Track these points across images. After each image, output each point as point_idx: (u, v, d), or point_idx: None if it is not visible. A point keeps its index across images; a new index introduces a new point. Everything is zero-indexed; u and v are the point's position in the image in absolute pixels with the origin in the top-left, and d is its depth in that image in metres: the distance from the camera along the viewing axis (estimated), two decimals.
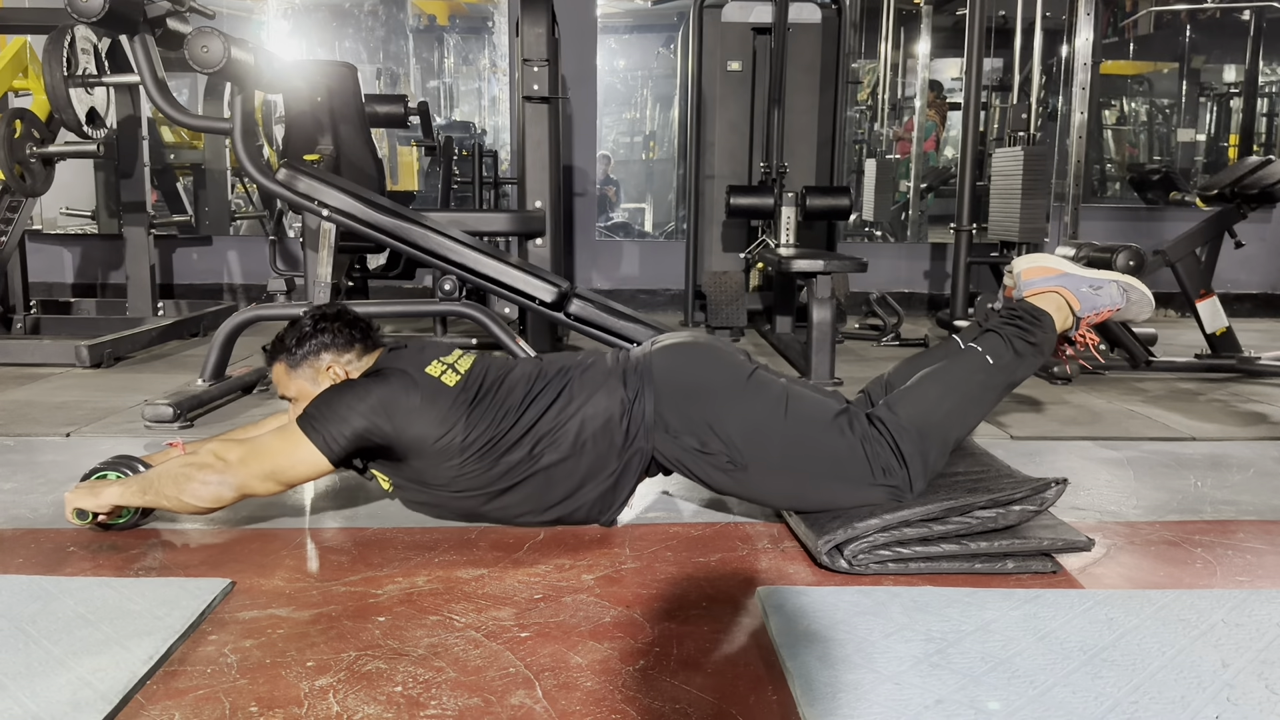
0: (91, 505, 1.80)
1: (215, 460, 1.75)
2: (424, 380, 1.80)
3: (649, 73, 6.78)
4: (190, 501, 1.76)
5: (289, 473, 1.76)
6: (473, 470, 1.77)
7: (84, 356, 3.58)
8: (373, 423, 1.73)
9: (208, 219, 5.59)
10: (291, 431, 1.75)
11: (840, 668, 1.31)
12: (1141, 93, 7.23)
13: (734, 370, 1.85)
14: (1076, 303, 1.91)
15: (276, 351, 1.92)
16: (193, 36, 2.72)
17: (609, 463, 1.80)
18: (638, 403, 1.79)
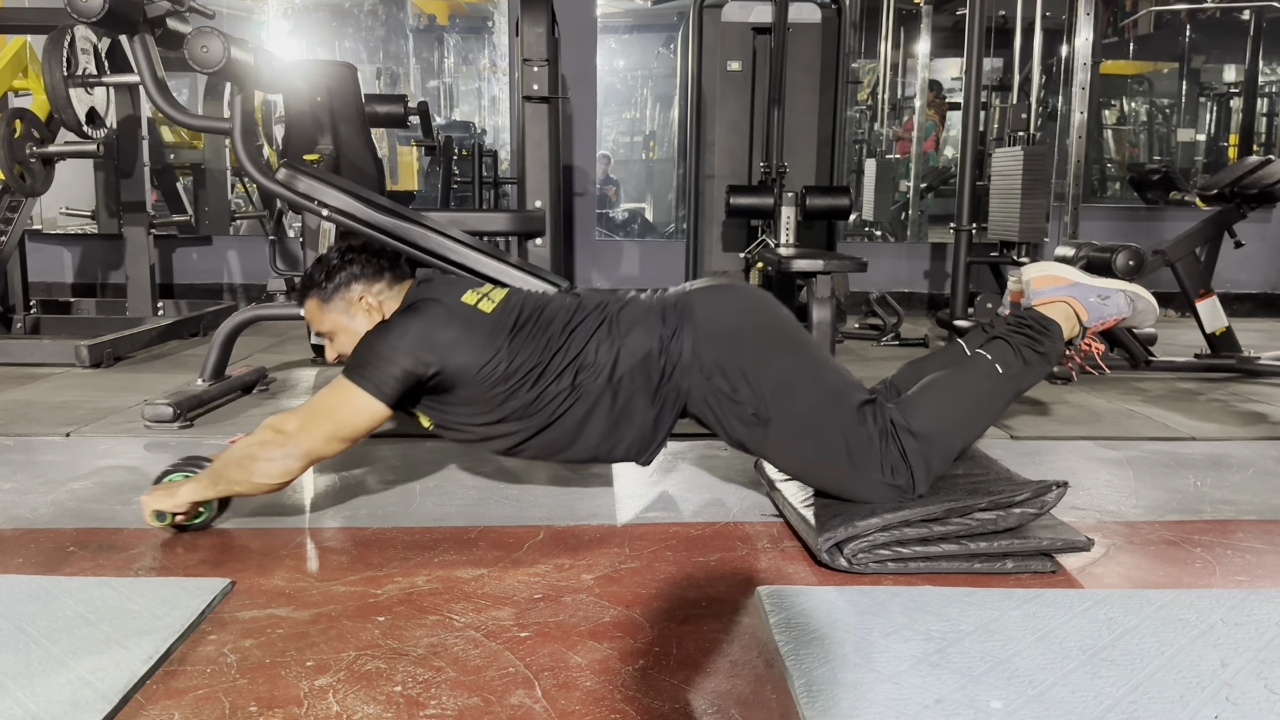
0: (169, 506, 1.80)
1: (275, 434, 1.76)
2: (460, 309, 1.82)
3: (649, 72, 6.78)
4: (261, 481, 1.76)
5: (349, 427, 1.76)
6: (516, 401, 1.78)
7: (84, 356, 3.58)
8: (417, 358, 1.74)
9: (207, 219, 5.59)
10: (341, 386, 1.75)
11: (840, 667, 1.31)
12: (1141, 92, 7.23)
13: (777, 322, 1.86)
14: (1084, 313, 1.93)
15: (307, 288, 1.92)
16: (192, 36, 2.72)
17: (646, 399, 1.80)
18: (675, 340, 1.79)
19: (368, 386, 1.73)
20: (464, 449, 2.52)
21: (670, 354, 1.79)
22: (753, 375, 1.77)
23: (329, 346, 1.94)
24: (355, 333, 1.88)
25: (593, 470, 2.33)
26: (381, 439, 2.62)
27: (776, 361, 1.79)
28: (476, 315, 1.82)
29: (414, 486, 2.19)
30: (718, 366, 1.78)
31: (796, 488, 1.95)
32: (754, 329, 1.83)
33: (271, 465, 1.75)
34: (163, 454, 2.46)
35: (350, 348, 1.88)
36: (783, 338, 1.84)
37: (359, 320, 1.89)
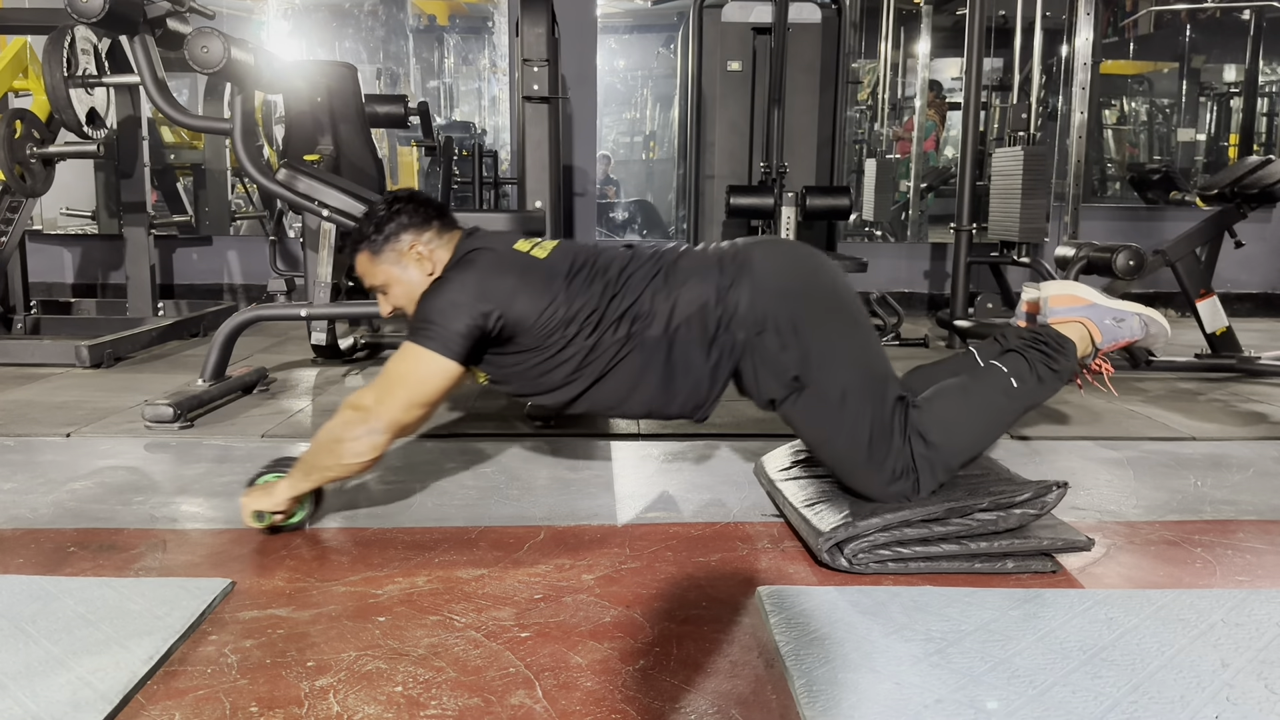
0: (268, 505, 1.81)
1: (355, 412, 1.75)
2: (514, 256, 1.82)
3: (649, 73, 6.78)
4: (352, 462, 1.76)
5: (425, 392, 1.76)
6: (574, 349, 1.79)
7: (84, 357, 3.58)
8: (479, 310, 1.74)
9: (208, 219, 5.59)
10: (410, 351, 1.75)
11: (840, 667, 1.31)
12: (1141, 92, 7.23)
13: (835, 289, 1.85)
14: (1099, 334, 1.94)
15: (357, 242, 1.91)
16: (193, 37, 2.72)
17: (702, 351, 1.79)
18: (733, 291, 1.78)
19: (435, 347, 1.73)
20: (464, 449, 2.52)
21: (727, 305, 1.77)
22: (803, 334, 1.75)
23: (382, 300, 1.93)
24: (408, 283, 1.88)
25: (593, 470, 2.34)
26: None
27: (829, 328, 1.78)
28: (531, 262, 1.82)
29: (414, 487, 2.19)
30: (771, 321, 1.76)
31: (797, 487, 1.95)
32: (813, 290, 1.82)
33: (358, 443, 1.74)
34: (163, 454, 2.46)
35: (404, 300, 1.89)
36: (840, 306, 1.83)
37: (410, 271, 1.88)
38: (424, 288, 1.86)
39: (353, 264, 1.95)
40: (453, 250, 1.89)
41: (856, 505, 1.78)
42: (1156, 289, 5.77)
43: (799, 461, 2.09)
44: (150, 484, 2.21)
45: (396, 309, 1.93)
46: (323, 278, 3.29)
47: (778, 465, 2.10)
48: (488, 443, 2.60)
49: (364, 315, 4.14)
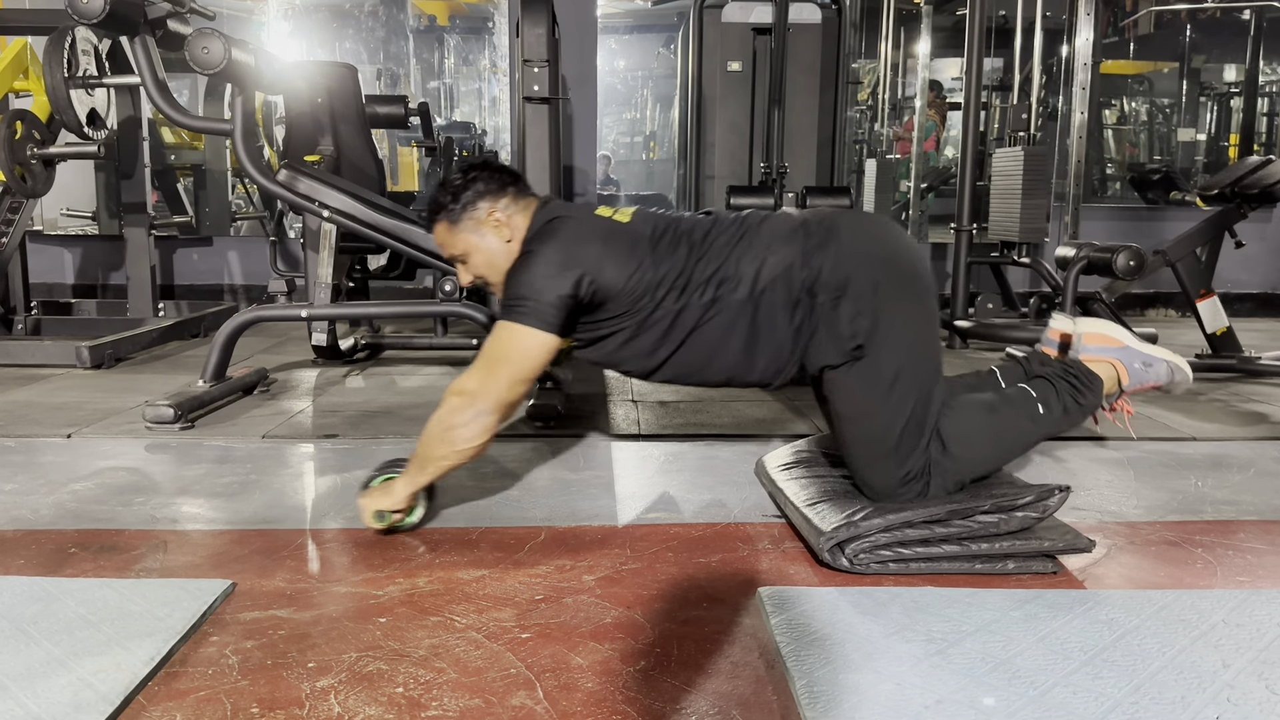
0: (389, 504, 1.82)
1: (461, 399, 1.76)
2: (597, 222, 1.83)
3: (649, 73, 6.79)
4: (465, 446, 1.77)
5: (526, 367, 1.77)
6: (661, 313, 1.79)
7: (85, 357, 3.58)
8: (569, 279, 1.75)
9: (208, 220, 5.60)
10: (506, 329, 1.76)
11: (841, 668, 1.31)
12: (1142, 92, 7.24)
13: (915, 270, 1.84)
14: (1126, 377, 1.95)
15: (435, 212, 1.91)
16: (193, 38, 2.72)
17: (786, 314, 1.79)
18: (818, 254, 1.77)
19: (531, 322, 1.74)
20: None
21: (811, 267, 1.77)
22: (879, 306, 1.75)
23: (462, 270, 1.93)
24: (488, 250, 1.88)
25: (593, 471, 2.34)
26: (381, 439, 2.62)
27: (903, 307, 1.78)
28: (615, 226, 1.83)
29: None
30: (853, 287, 1.75)
31: (799, 486, 1.95)
32: (896, 264, 1.81)
33: (469, 428, 1.75)
34: (164, 455, 2.46)
35: (485, 267, 1.89)
36: (918, 289, 1.82)
37: (489, 238, 1.88)
38: (504, 254, 1.87)
39: (430, 232, 1.95)
40: (529, 217, 1.89)
41: (859, 505, 1.78)
42: (1157, 289, 5.78)
43: (801, 460, 2.09)
44: (151, 485, 2.21)
45: (477, 277, 1.93)
46: (323, 278, 3.29)
47: (779, 463, 2.10)
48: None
49: (364, 316, 4.15)
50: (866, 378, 1.78)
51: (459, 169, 1.93)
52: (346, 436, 2.66)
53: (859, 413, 1.81)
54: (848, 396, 1.82)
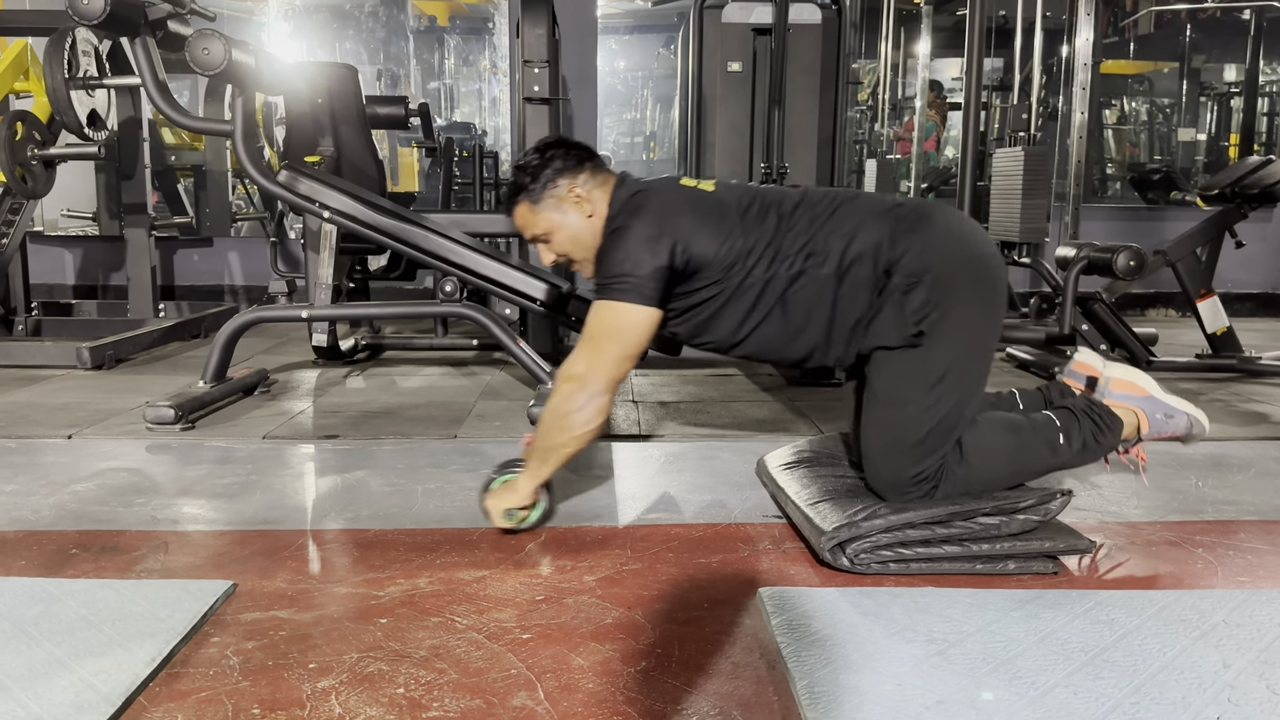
0: (516, 501, 1.84)
1: (571, 384, 1.77)
2: (684, 192, 1.84)
3: (649, 73, 6.79)
4: (584, 430, 1.78)
5: (632, 343, 1.78)
6: (752, 282, 1.79)
7: (85, 358, 3.58)
8: (664, 251, 1.75)
9: (209, 220, 5.60)
10: (607, 308, 1.77)
11: (842, 668, 1.31)
12: (1142, 92, 7.24)
13: (995, 277, 1.84)
14: (1146, 426, 1.96)
15: (515, 194, 1.91)
16: (194, 38, 2.72)
17: (868, 293, 1.79)
18: (906, 238, 1.78)
19: (631, 298, 1.74)
20: (465, 450, 2.52)
21: (896, 249, 1.77)
22: (950, 300, 1.75)
23: (544, 250, 1.92)
24: (570, 228, 1.88)
25: (594, 471, 2.34)
26: (381, 439, 2.62)
27: (974, 308, 1.79)
28: (702, 195, 1.83)
29: (415, 488, 2.19)
30: (930, 275, 1.75)
31: (800, 485, 1.94)
32: (978, 265, 1.81)
33: (584, 411, 1.76)
34: (165, 456, 2.46)
35: (569, 245, 1.89)
36: (992, 296, 1.83)
37: (571, 216, 1.87)
38: (587, 230, 1.87)
39: (511, 216, 1.94)
40: (609, 193, 1.88)
41: (861, 505, 1.78)
42: (1157, 289, 5.78)
43: (802, 460, 2.09)
44: (152, 486, 2.21)
45: (560, 256, 1.92)
46: (324, 279, 3.29)
47: (780, 463, 2.10)
48: (489, 444, 2.60)
49: (365, 317, 4.15)
50: (916, 366, 1.78)
51: (534, 148, 1.92)
52: (347, 437, 2.66)
53: (897, 398, 1.81)
54: (892, 379, 1.82)
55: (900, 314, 1.76)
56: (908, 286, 1.76)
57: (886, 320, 1.78)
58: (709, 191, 1.86)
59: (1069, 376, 2.08)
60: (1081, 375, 2.05)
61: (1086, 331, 3.77)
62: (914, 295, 1.76)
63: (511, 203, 1.92)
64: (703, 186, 1.87)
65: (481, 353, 4.14)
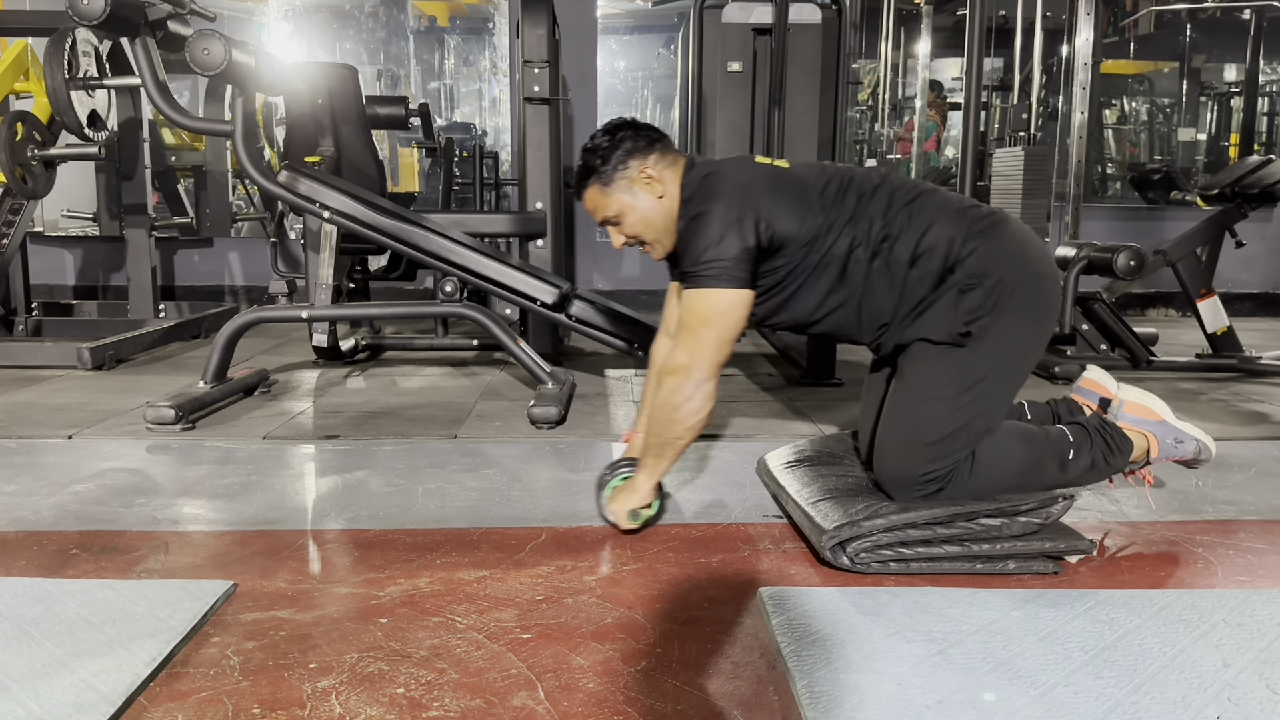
0: (639, 501, 1.85)
1: (676, 376, 1.77)
2: (760, 169, 1.84)
3: (649, 73, 6.79)
4: (696, 420, 1.78)
5: (730, 326, 1.78)
6: (831, 258, 1.79)
7: (86, 359, 3.59)
8: (749, 230, 1.75)
9: (209, 221, 5.60)
10: (701, 296, 1.76)
11: (842, 668, 1.31)
12: (1142, 92, 7.23)
13: (1052, 299, 1.86)
14: (1156, 450, 1.96)
15: (585, 177, 1.90)
16: (194, 39, 2.72)
17: (930, 284, 1.80)
18: (976, 239, 1.78)
19: (723, 283, 1.75)
20: (466, 451, 2.52)
21: (965, 248, 1.78)
22: (1005, 308, 1.77)
23: (614, 232, 1.92)
24: (643, 209, 1.87)
25: (594, 471, 2.33)
26: (382, 439, 2.62)
27: (1026, 323, 1.80)
28: (779, 172, 1.83)
29: (416, 488, 2.19)
30: (991, 279, 1.77)
31: (801, 484, 1.95)
32: (1038, 283, 1.83)
33: (694, 401, 1.77)
34: (165, 456, 2.47)
35: (641, 226, 1.88)
36: (1045, 315, 1.85)
37: (642, 197, 1.87)
38: (658, 211, 1.86)
39: (580, 200, 1.94)
40: (679, 174, 1.88)
41: (862, 504, 1.78)
42: (1157, 289, 5.78)
43: (803, 459, 2.09)
44: (152, 486, 2.21)
45: (631, 238, 1.92)
46: (324, 279, 3.29)
47: (781, 461, 2.10)
48: (489, 444, 2.60)
49: (365, 317, 4.15)
50: (955, 365, 1.79)
51: (603, 129, 1.91)
52: (348, 437, 2.66)
53: (927, 393, 1.82)
54: (927, 373, 1.83)
55: (953, 311, 1.78)
56: (966, 286, 1.77)
57: (938, 314, 1.79)
58: (785, 168, 1.85)
59: (1078, 394, 2.08)
60: (1093, 394, 2.05)
61: (1086, 331, 3.77)
62: (971, 296, 1.77)
63: (581, 185, 1.91)
64: (778, 164, 1.87)
65: (482, 353, 4.14)
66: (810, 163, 1.93)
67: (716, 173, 1.84)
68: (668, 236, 1.89)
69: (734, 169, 1.85)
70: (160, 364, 3.83)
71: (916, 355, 1.84)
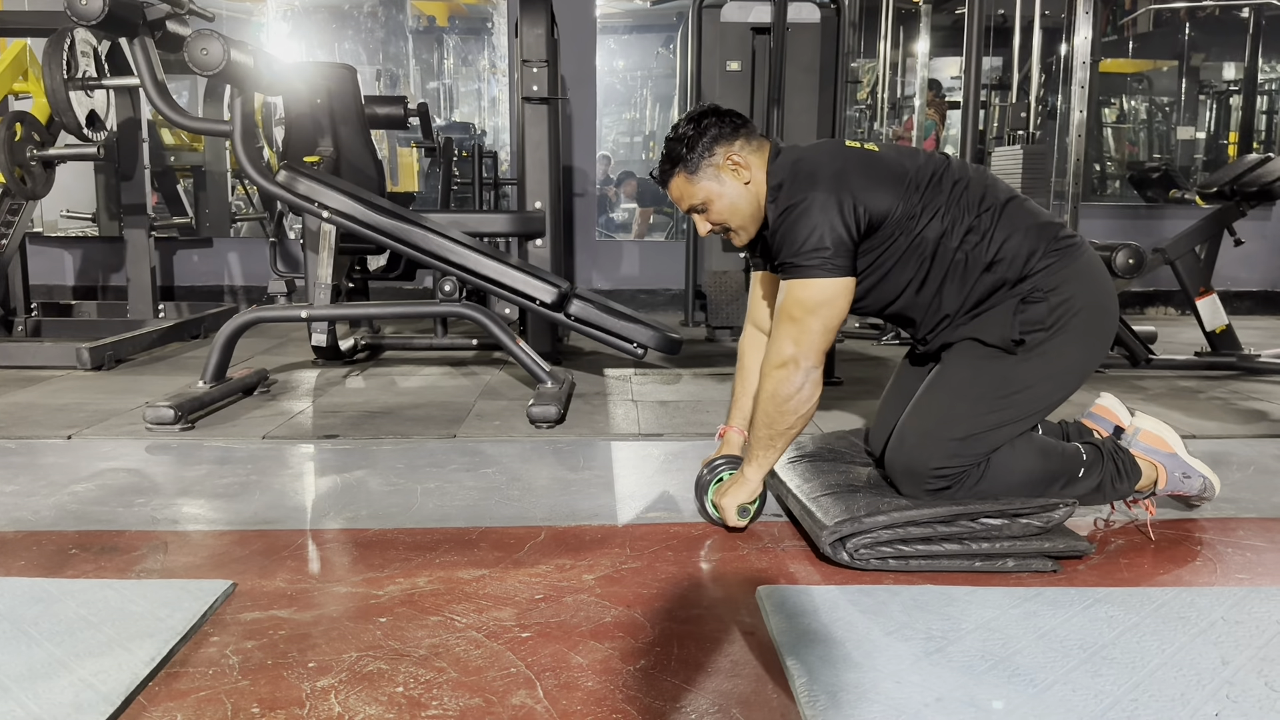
0: (747, 495, 1.85)
1: (784, 369, 1.77)
2: (851, 153, 1.84)
3: (648, 73, 6.78)
4: (807, 409, 1.79)
5: (834, 315, 1.78)
6: (923, 239, 1.80)
7: (85, 359, 3.58)
8: (848, 217, 1.75)
9: (208, 221, 5.60)
10: (804, 286, 1.76)
11: (840, 666, 1.31)
12: (1141, 91, 7.24)
13: (1108, 327, 1.88)
14: (1164, 482, 1.97)
15: (671, 165, 1.88)
16: (192, 39, 2.72)
17: (999, 289, 1.81)
18: (1049, 256, 1.80)
19: (825, 272, 1.74)
20: (465, 450, 2.52)
21: (1044, 260, 1.79)
22: (1063, 326, 1.78)
23: (700, 220, 1.91)
24: (729, 196, 1.86)
25: (593, 471, 2.34)
26: (381, 439, 2.62)
27: (1078, 345, 1.81)
28: (870, 154, 1.83)
29: (415, 488, 2.20)
30: (1057, 296, 1.78)
31: (802, 480, 1.95)
32: (1102, 312, 1.84)
33: (804, 390, 1.77)
34: (164, 456, 2.47)
35: (727, 213, 1.87)
36: (1098, 341, 1.86)
37: (729, 184, 1.86)
38: (744, 197, 1.86)
39: (665, 189, 1.93)
40: (765, 160, 1.87)
41: (863, 501, 1.78)
42: (1156, 287, 5.78)
43: (804, 455, 2.09)
44: (151, 486, 2.21)
45: (717, 224, 1.91)
46: (323, 279, 3.29)
47: (783, 459, 2.10)
48: (488, 443, 2.60)
49: (364, 316, 4.15)
50: (999, 370, 1.80)
51: (686, 117, 1.90)
52: (347, 437, 2.66)
53: (964, 391, 1.82)
54: (970, 372, 1.83)
55: (1012, 318, 1.79)
56: (1033, 298, 1.78)
57: (997, 317, 1.80)
58: (876, 151, 1.85)
59: (1090, 419, 2.08)
60: (1106, 421, 2.05)
61: None
62: (1034, 308, 1.78)
63: (668, 174, 1.90)
64: (869, 147, 1.87)
65: (481, 352, 4.14)
66: (901, 146, 1.94)
67: (806, 159, 1.83)
68: (753, 223, 1.89)
69: (826, 154, 1.84)
70: (159, 364, 3.83)
71: (963, 352, 1.85)
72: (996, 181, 1.89)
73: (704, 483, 1.96)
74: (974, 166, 1.90)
